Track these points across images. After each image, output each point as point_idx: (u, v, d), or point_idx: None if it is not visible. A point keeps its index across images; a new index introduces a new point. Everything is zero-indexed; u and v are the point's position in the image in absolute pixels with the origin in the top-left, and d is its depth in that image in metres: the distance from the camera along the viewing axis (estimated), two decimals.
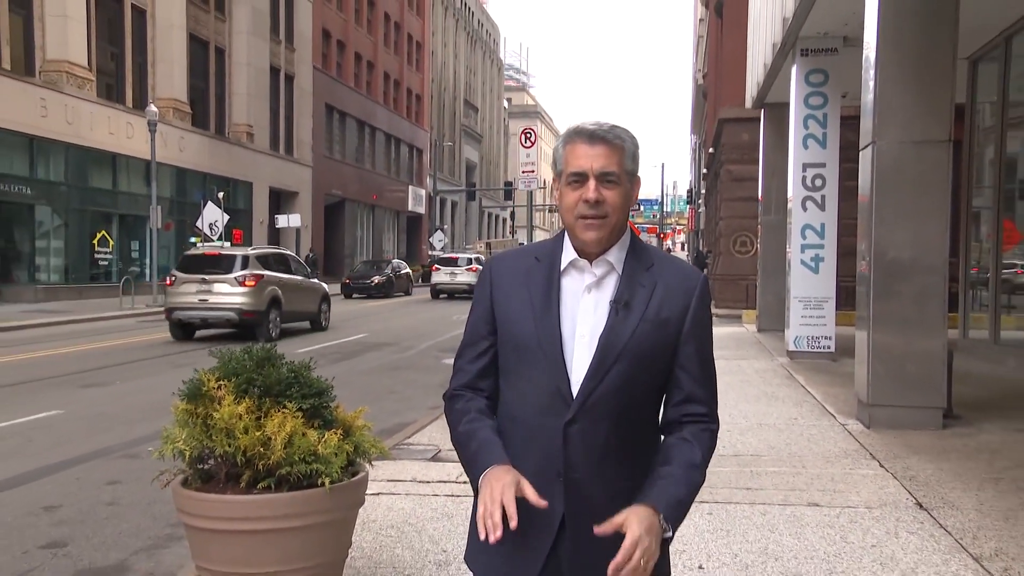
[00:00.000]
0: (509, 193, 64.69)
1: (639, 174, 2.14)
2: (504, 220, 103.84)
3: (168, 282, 21.89)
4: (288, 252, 27.48)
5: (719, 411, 2.21)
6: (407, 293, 42.24)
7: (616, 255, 2.09)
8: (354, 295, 38.31)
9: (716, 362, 2.20)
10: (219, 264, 21.37)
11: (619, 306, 2.04)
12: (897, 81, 8.85)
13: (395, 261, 45.38)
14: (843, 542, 5.35)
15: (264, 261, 22.23)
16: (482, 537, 1.87)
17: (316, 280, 25.59)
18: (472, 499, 2.10)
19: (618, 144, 2.04)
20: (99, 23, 32.55)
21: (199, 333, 20.77)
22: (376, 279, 39.11)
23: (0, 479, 7.63)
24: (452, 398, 2.22)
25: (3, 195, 28.41)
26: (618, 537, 1.89)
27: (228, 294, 20.73)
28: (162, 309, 21.99)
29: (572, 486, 2.03)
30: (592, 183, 2.00)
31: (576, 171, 2.02)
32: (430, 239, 61.41)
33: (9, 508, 6.79)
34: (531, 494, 1.89)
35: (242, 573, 4.05)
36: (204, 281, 20.79)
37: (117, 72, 34.16)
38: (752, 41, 21.13)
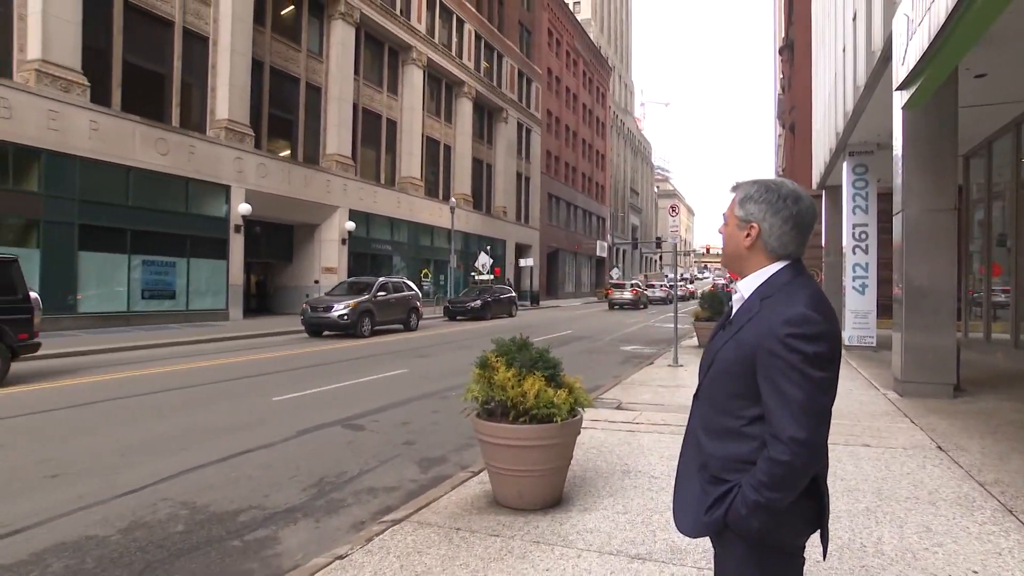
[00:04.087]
0: (659, 244, 63.22)
1: (751, 220, 1.66)
2: (655, 261, 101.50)
3: (608, 291, 38.01)
4: (641, 280, 41.35)
5: None
6: (510, 315, 28.19)
7: (746, 284, 1.66)
8: (457, 317, 25.96)
9: None
10: (624, 287, 37.34)
11: (725, 322, 1.70)
12: (916, 171, 8.15)
13: (499, 287, 29.87)
14: (887, 470, 4.94)
15: (637, 284, 38.51)
16: None
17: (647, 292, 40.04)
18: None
19: (733, 195, 1.71)
20: (427, 157, 34.36)
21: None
22: (473, 303, 26.01)
23: (378, 406, 8.08)
24: None
25: (377, 251, 30.33)
26: (695, 490, 1.67)
27: (628, 295, 36.46)
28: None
29: (683, 444, 1.77)
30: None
31: None
32: (610, 273, 60.84)
33: (386, 422, 7.24)
34: None
35: (510, 468, 4.16)
36: (621, 291, 36.60)
37: (435, 180, 35.73)
38: (815, 147, 19.90)
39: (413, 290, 20.85)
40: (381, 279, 19.49)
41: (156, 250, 19.48)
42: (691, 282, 77.64)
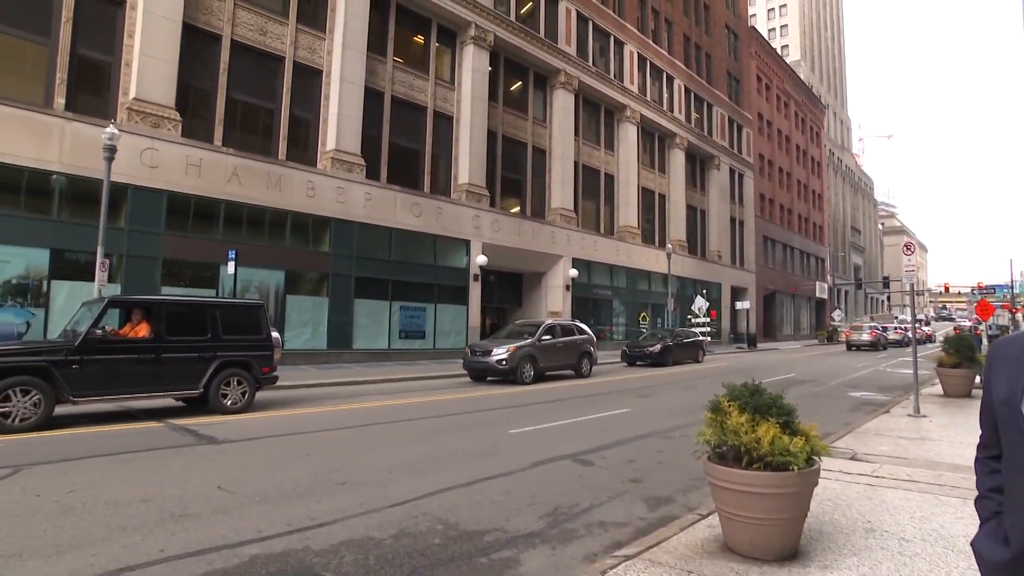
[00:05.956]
0: (886, 283, 55.83)
1: None
2: (882, 302, 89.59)
3: (847, 333, 37.72)
4: (875, 323, 41.36)
5: None
6: (696, 361, 24.24)
7: None
8: (636, 363, 22.18)
9: None
10: (863, 328, 36.73)
11: None
12: None
13: (684, 330, 26.31)
14: None
15: (876, 327, 37.26)
16: None
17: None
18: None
19: None
20: (643, 206, 34.31)
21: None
22: (651, 348, 22.20)
23: (604, 443, 8.02)
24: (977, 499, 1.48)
25: (598, 296, 30.63)
26: None
27: (867, 337, 35.83)
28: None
29: None
30: None
31: None
32: (831, 315, 55.06)
33: (612, 458, 7.16)
34: None
35: (742, 514, 3.90)
36: (859, 333, 36.47)
37: (650, 228, 35.50)
38: None
39: (586, 333, 18.17)
40: (548, 322, 17.25)
41: (410, 297, 21.77)
42: (927, 324, 66.79)
